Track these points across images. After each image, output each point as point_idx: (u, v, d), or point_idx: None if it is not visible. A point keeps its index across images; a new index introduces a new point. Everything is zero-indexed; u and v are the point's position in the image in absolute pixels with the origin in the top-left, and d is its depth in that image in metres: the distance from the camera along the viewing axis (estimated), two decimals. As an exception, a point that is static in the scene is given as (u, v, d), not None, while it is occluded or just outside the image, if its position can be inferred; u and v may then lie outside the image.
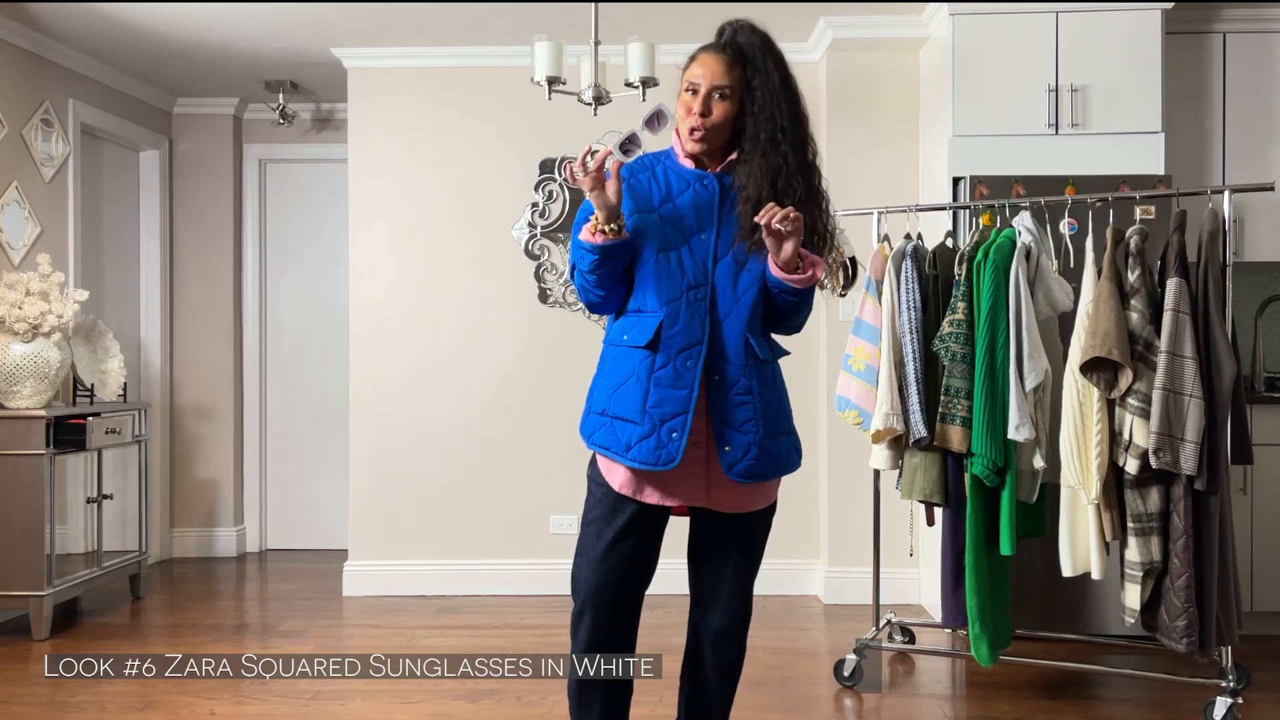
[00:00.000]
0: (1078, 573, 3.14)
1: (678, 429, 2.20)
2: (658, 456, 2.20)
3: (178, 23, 4.39)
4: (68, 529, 4.20)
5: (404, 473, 4.81)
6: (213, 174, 5.66)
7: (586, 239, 2.20)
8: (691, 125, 2.25)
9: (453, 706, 3.26)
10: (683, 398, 2.20)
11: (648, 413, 2.22)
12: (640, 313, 2.27)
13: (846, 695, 3.39)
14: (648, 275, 2.25)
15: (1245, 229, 4.25)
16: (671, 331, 2.22)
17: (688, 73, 2.28)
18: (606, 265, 2.21)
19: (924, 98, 4.50)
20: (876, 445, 3.37)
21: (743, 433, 2.22)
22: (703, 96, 2.23)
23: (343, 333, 5.56)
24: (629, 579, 2.30)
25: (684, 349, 2.22)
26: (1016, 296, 3.11)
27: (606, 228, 2.18)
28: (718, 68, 2.23)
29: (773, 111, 2.22)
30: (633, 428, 2.23)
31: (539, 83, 3.62)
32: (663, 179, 2.33)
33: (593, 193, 2.17)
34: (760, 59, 2.24)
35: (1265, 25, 4.27)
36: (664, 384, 2.22)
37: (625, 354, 2.28)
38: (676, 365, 2.22)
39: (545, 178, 4.81)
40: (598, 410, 2.34)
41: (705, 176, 2.29)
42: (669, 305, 2.23)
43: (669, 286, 2.23)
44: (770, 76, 2.23)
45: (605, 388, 2.32)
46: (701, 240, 2.26)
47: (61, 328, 4.18)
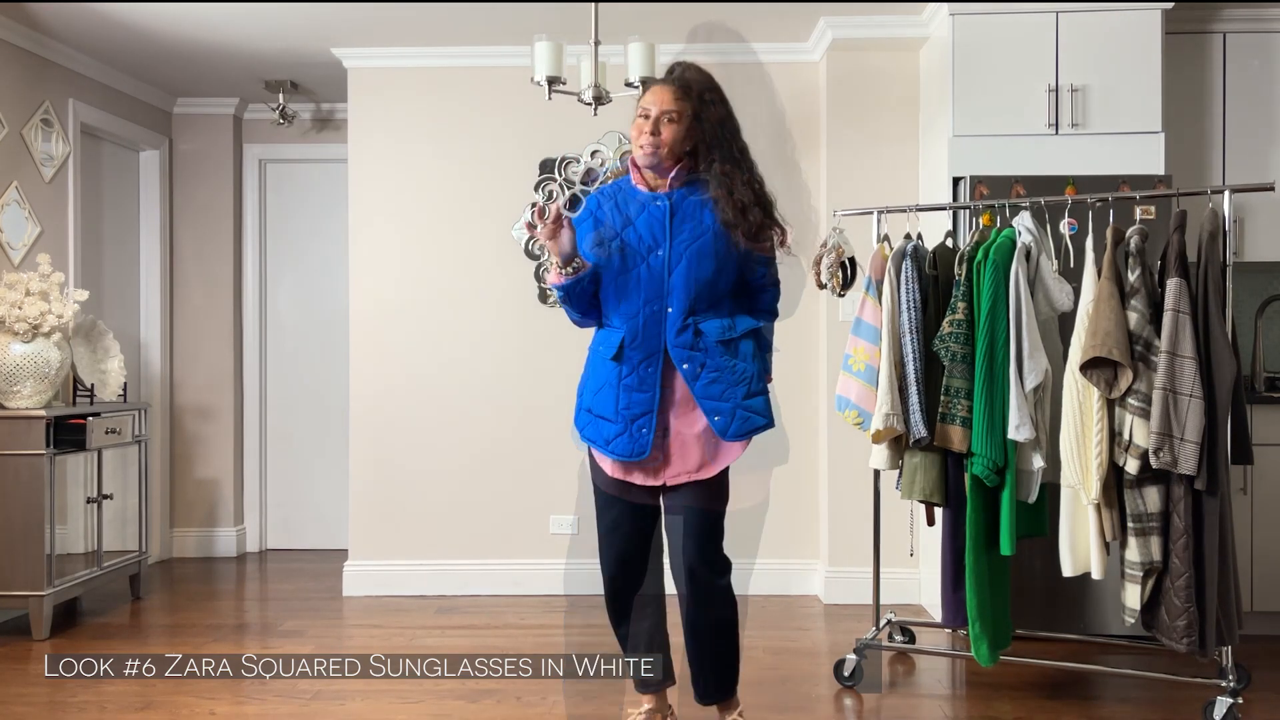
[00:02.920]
0: (1078, 573, 3.14)
1: (645, 426, 2.66)
2: (631, 449, 2.67)
3: (178, 23, 4.39)
4: (68, 529, 4.20)
5: (404, 473, 4.81)
6: (213, 174, 5.66)
7: (552, 280, 2.70)
8: (643, 144, 2.66)
9: (453, 706, 3.26)
10: (646, 400, 2.67)
11: (620, 413, 2.68)
12: (609, 328, 2.74)
13: (846, 695, 3.39)
14: (611, 295, 2.70)
15: (1245, 229, 4.25)
16: (632, 346, 2.67)
17: (642, 100, 2.69)
18: (572, 298, 2.71)
19: (924, 98, 4.50)
20: (876, 445, 3.37)
21: (725, 400, 2.64)
22: (654, 120, 2.64)
23: (343, 333, 5.56)
24: (631, 537, 2.76)
25: (645, 359, 2.66)
26: (1016, 296, 3.12)
27: (566, 269, 2.66)
28: (666, 96, 2.65)
29: (727, 136, 2.65)
30: (610, 425, 2.70)
31: (539, 83, 3.63)
32: (623, 205, 2.74)
33: (549, 242, 2.62)
34: (705, 93, 2.65)
35: (1265, 25, 4.27)
36: (631, 389, 2.67)
37: (601, 362, 2.74)
38: (640, 373, 2.67)
39: (545, 178, 4.81)
40: (585, 407, 2.78)
41: (658, 197, 2.71)
42: (629, 322, 2.67)
43: (628, 305, 2.68)
44: (718, 107, 2.66)
45: (589, 389, 2.77)
46: (658, 257, 2.67)
47: (61, 328, 4.18)
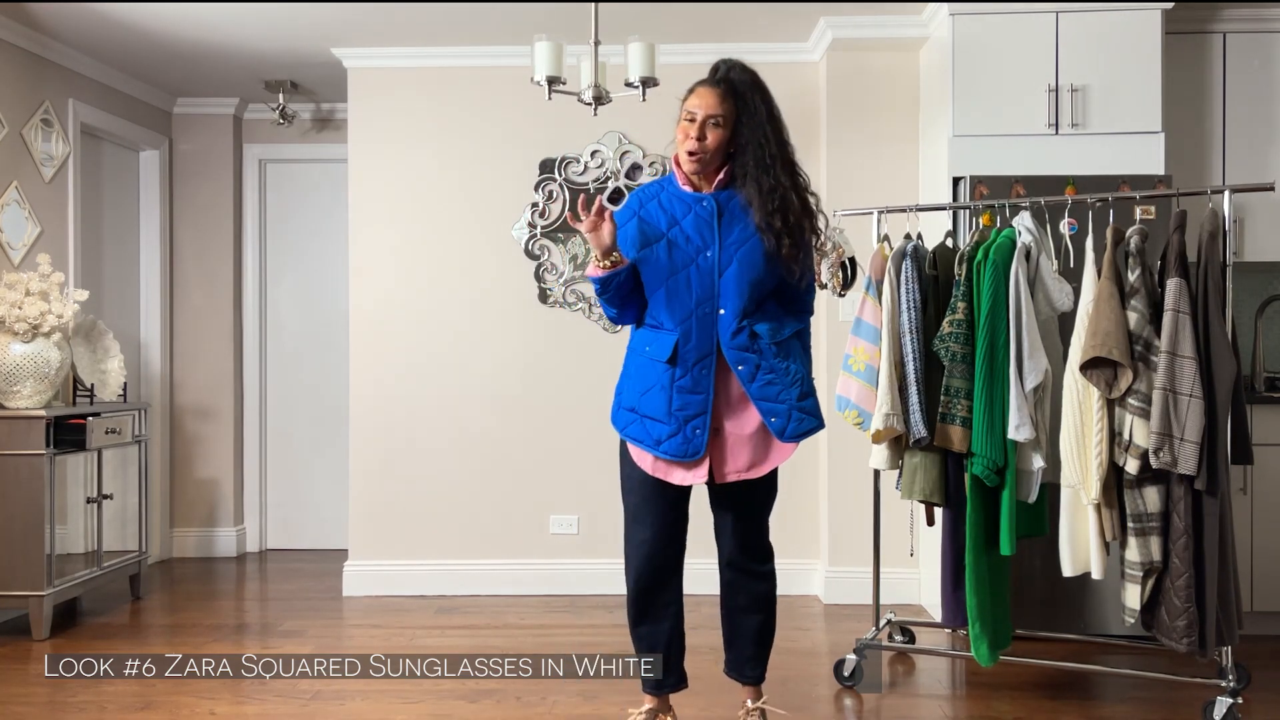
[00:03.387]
0: (1078, 573, 3.14)
1: (700, 426, 2.64)
2: (685, 450, 2.64)
3: (178, 23, 4.39)
4: (68, 529, 4.20)
5: (404, 473, 4.81)
6: (213, 174, 5.66)
7: (590, 273, 2.67)
8: (689, 149, 2.62)
9: (453, 706, 3.26)
10: (701, 401, 2.64)
11: (674, 415, 2.65)
12: (659, 329, 2.69)
13: (846, 695, 3.39)
14: (662, 298, 2.67)
15: (1245, 229, 4.25)
16: (686, 348, 2.64)
17: (686, 103, 2.66)
18: (610, 290, 2.66)
19: (924, 98, 4.50)
20: (876, 445, 3.37)
21: (780, 402, 2.64)
22: (699, 124, 2.61)
23: (343, 333, 5.56)
24: (667, 538, 2.76)
25: (698, 360, 2.64)
26: (1016, 296, 3.11)
27: (604, 262, 2.63)
28: (712, 99, 2.61)
29: (762, 140, 2.60)
30: (661, 426, 2.66)
31: (539, 83, 3.62)
32: (668, 205, 2.71)
33: (590, 234, 2.60)
34: (749, 94, 2.62)
35: (1265, 25, 4.27)
36: (685, 391, 2.64)
37: (649, 364, 2.70)
38: (694, 375, 2.64)
39: (545, 178, 4.81)
40: (627, 406, 2.74)
41: (703, 199, 2.68)
42: (683, 325, 2.64)
43: (680, 307, 2.64)
44: (759, 110, 2.62)
45: (634, 390, 2.73)
46: (707, 258, 2.64)
47: (61, 328, 4.18)
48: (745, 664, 2.88)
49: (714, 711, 3.16)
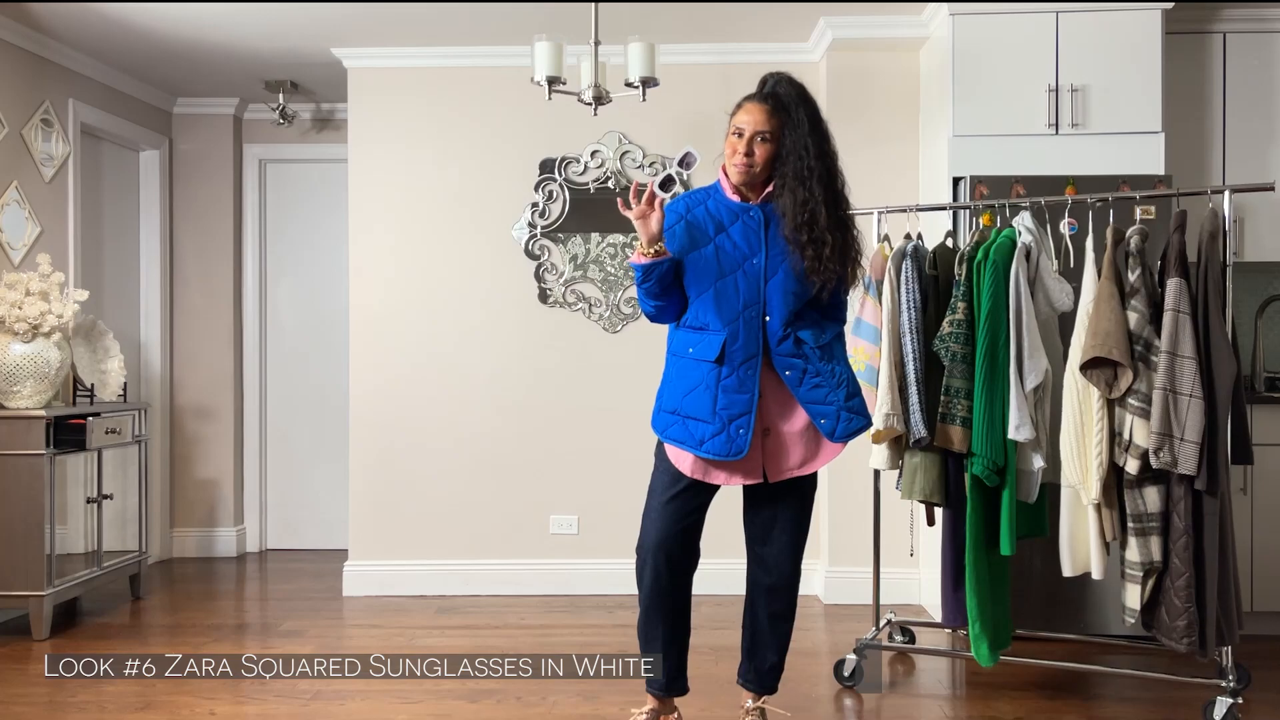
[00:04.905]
0: (1078, 573, 3.14)
1: (744, 426, 2.66)
2: (729, 449, 2.66)
3: (178, 23, 4.39)
4: (68, 529, 4.20)
5: (404, 473, 4.81)
6: (213, 174, 5.66)
7: (634, 259, 2.68)
8: (737, 164, 2.68)
9: (453, 706, 3.26)
10: (746, 401, 2.67)
11: (718, 414, 2.67)
12: (704, 330, 2.71)
13: (846, 695, 3.39)
14: (709, 299, 2.69)
15: (1245, 229, 4.25)
16: (734, 348, 2.67)
17: (734, 118, 2.70)
18: (650, 280, 2.67)
19: (924, 98, 4.50)
20: (877, 445, 3.37)
21: (828, 404, 2.69)
22: (747, 140, 2.66)
23: (343, 333, 5.56)
24: (684, 535, 2.77)
25: (745, 360, 2.67)
26: (1016, 296, 3.11)
27: (649, 250, 2.65)
28: (760, 115, 2.66)
29: (801, 153, 2.64)
30: (705, 426, 2.68)
31: (539, 83, 3.63)
32: (715, 212, 2.75)
33: (639, 221, 2.62)
34: (795, 108, 2.65)
35: (1265, 25, 4.27)
36: (730, 390, 2.67)
37: (693, 365, 2.72)
38: (740, 375, 2.67)
39: (545, 178, 4.81)
40: (669, 409, 2.76)
41: (750, 208, 2.73)
42: (730, 325, 2.67)
43: (728, 308, 2.67)
44: (802, 123, 2.65)
45: (676, 392, 2.75)
46: (754, 264, 2.69)
47: (61, 328, 4.18)
48: (766, 674, 2.90)
49: (714, 712, 3.16)
